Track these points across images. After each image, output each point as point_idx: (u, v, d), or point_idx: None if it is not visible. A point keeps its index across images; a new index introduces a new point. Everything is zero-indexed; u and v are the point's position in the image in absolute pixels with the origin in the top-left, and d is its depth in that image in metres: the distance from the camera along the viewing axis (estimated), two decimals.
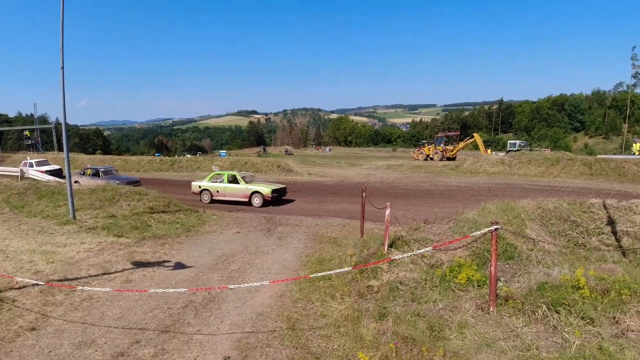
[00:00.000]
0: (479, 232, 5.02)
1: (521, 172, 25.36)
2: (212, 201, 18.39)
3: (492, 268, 4.65)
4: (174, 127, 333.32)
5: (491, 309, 4.85)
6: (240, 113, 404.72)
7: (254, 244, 10.55)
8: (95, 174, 22.62)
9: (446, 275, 5.85)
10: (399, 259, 6.24)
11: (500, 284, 5.25)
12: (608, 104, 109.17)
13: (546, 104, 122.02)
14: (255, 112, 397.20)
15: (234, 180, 18.37)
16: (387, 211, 7.34)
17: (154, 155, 79.52)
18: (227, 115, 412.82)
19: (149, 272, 8.09)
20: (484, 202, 8.50)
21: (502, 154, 42.09)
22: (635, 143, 33.99)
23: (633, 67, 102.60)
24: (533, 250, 6.77)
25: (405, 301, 5.56)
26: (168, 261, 8.93)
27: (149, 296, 6.67)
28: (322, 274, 5.73)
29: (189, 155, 74.53)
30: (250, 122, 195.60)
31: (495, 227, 4.53)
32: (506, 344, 4.36)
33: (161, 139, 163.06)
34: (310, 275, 5.88)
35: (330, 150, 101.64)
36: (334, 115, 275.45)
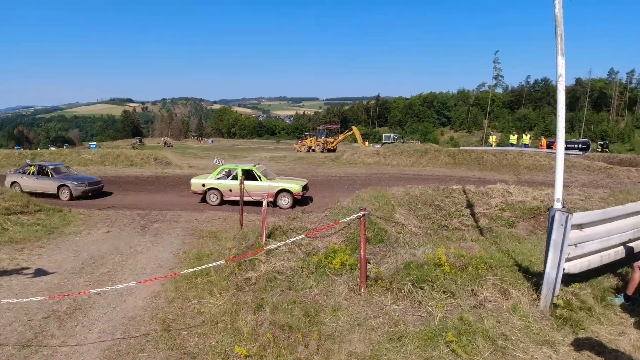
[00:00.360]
0: (348, 219, 5.20)
1: (394, 163, 27.11)
2: (222, 202, 15.24)
3: (361, 252, 4.85)
4: (37, 116, 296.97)
5: (362, 290, 5.06)
6: (113, 101, 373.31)
7: (126, 244, 9.82)
8: (42, 172, 17.52)
9: (322, 261, 5.99)
10: (275, 249, 6.24)
11: (370, 266, 5.51)
12: (471, 101, 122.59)
13: (417, 100, 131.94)
14: (130, 101, 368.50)
15: (250, 175, 15.06)
16: (264, 202, 7.30)
17: (13, 148, 70.19)
18: (98, 103, 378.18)
19: (6, 282, 7.18)
20: (359, 191, 8.88)
21: (378, 146, 44.58)
22: (492, 136, 38.22)
23: (495, 70, 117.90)
24: (401, 233, 7.23)
25: (283, 290, 5.58)
26: (27, 268, 7.96)
27: (7, 308, 5.93)
28: (193, 270, 5.49)
29: (53, 148, 67.09)
30: (125, 111, 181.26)
31: (363, 213, 4.72)
32: (376, 322, 4.58)
33: (21, 130, 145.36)
34: (180, 272, 5.61)
35: (212, 142, 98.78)
36: (217, 106, 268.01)
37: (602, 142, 58.89)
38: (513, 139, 33.08)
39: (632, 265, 5.38)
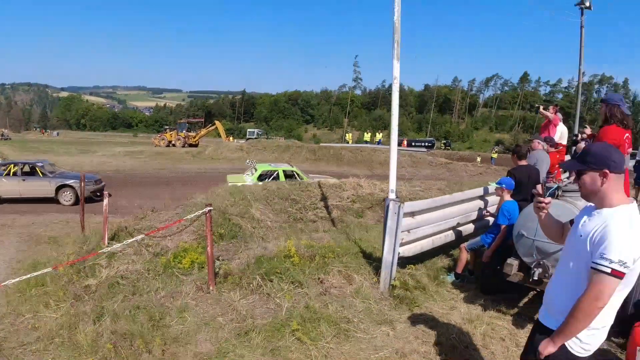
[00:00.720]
0: (192, 215, 5.02)
1: (257, 158, 27.21)
2: None
3: (208, 248, 4.74)
4: None
5: (211, 288, 4.95)
6: None
7: None
8: (28, 172, 14.16)
9: (170, 262, 5.71)
10: (120, 252, 5.81)
11: (219, 262, 5.41)
12: (333, 101, 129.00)
13: (283, 98, 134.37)
14: None
15: (291, 177, 13.40)
16: (105, 201, 6.73)
17: None
18: None
19: None
20: (215, 186, 8.71)
21: (243, 141, 44.38)
22: (348, 134, 40.56)
23: (354, 72, 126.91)
24: (256, 228, 7.26)
25: (126, 296, 5.20)
26: None
27: None
28: (18, 279, 4.82)
29: None
30: None
31: (209, 209, 4.61)
32: (224, 319, 4.52)
33: None
34: (3, 284, 4.89)
35: (58, 134, 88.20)
36: (65, 94, 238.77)
37: (445, 141, 66.60)
38: (367, 136, 35.62)
39: (460, 247, 6.13)
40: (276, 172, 13.95)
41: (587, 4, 16.66)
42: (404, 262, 5.92)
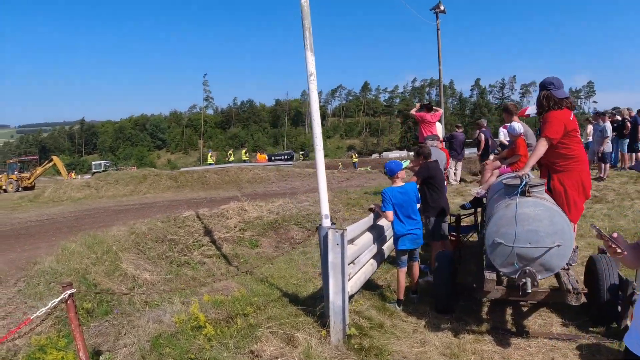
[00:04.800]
0: (44, 310, 3.07)
1: (110, 194, 23.65)
2: None
3: (80, 354, 2.94)
4: None
5: None
6: None
7: None
8: None
9: None
10: None
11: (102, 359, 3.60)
12: (184, 123, 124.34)
13: (128, 124, 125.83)
14: None
15: None
16: None
17: None
18: None
19: None
20: (66, 240, 6.55)
21: (88, 176, 39.24)
22: (210, 154, 38.15)
23: (204, 92, 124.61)
24: (134, 288, 5.42)
25: None
26: None
27: None
28: None
29: None
30: None
31: (69, 292, 2.86)
32: None
33: None
34: None
35: None
36: None
37: (302, 152, 67.89)
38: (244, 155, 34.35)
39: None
40: None
41: (442, 8, 17.70)
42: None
